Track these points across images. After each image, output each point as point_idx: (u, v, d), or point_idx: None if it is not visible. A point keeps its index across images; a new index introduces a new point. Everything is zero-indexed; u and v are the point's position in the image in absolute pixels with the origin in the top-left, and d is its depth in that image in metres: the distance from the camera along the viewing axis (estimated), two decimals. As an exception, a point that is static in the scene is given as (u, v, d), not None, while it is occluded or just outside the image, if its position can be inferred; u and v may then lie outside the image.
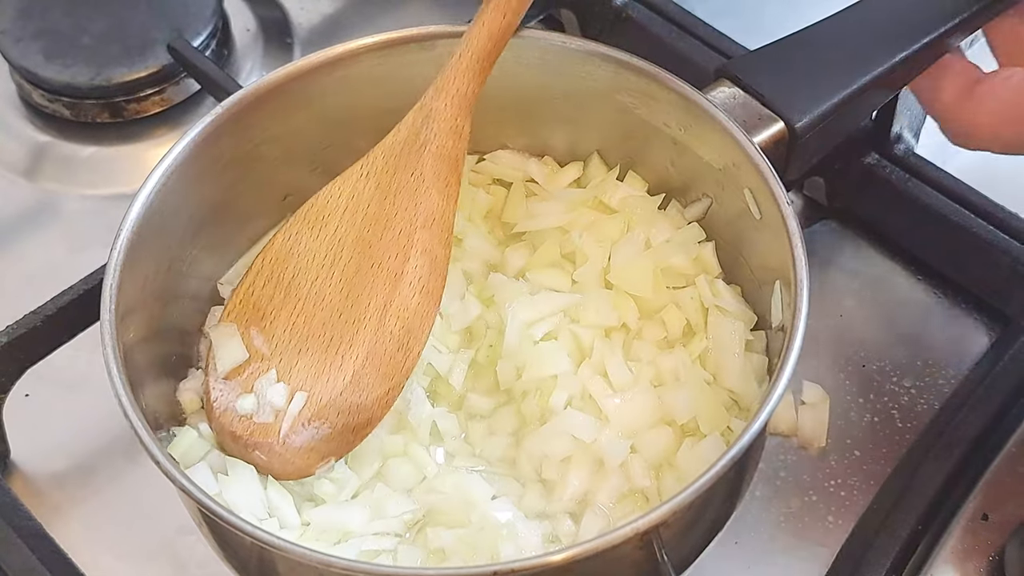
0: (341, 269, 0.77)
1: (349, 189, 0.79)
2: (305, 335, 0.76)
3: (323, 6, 1.14)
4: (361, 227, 0.77)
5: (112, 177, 1.03)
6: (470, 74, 0.77)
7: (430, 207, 0.76)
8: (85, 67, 1.02)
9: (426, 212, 0.76)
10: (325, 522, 0.73)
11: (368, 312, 0.75)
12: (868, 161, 0.93)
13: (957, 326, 0.91)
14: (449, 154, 0.77)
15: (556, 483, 0.74)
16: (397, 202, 0.77)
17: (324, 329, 0.76)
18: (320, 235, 0.78)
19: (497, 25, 0.78)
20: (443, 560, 0.72)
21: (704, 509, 0.71)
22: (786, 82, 0.79)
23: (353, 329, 0.75)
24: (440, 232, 0.77)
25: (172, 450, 0.75)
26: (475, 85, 0.78)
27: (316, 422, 0.74)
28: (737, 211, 0.78)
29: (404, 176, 0.77)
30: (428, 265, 0.76)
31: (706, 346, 0.78)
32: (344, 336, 0.75)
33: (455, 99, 0.77)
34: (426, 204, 0.76)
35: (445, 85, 0.78)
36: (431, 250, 0.76)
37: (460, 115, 0.78)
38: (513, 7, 0.78)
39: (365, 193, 0.78)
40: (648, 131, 0.82)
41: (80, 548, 0.81)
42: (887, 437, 0.85)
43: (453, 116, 0.77)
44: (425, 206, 0.76)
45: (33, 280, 0.95)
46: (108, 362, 0.69)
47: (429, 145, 0.77)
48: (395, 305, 0.75)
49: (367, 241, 0.77)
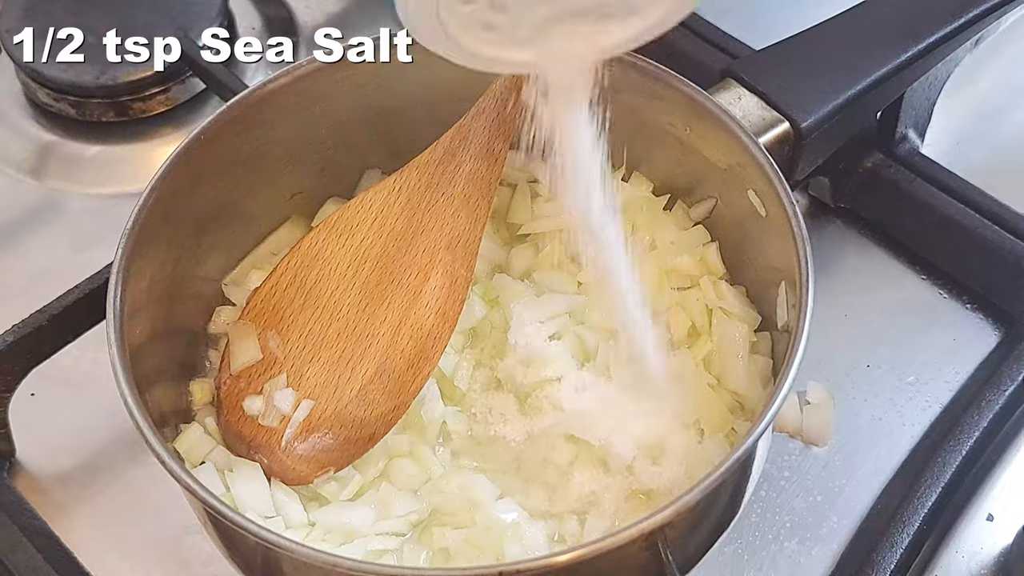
0: (362, 281, 0.77)
1: (380, 202, 0.78)
2: (319, 343, 0.76)
3: (328, 5, 1.14)
4: (387, 241, 0.77)
5: (117, 176, 1.03)
6: (512, 100, 0.77)
7: (456, 229, 0.76)
8: (90, 66, 1.02)
9: (452, 233, 0.76)
10: (331, 522, 0.74)
11: (382, 328, 0.75)
12: (873, 161, 0.93)
13: (962, 326, 0.91)
14: (482, 177, 0.77)
15: (560, 484, 0.74)
16: (425, 220, 0.77)
17: (338, 339, 0.76)
18: (346, 244, 0.78)
19: None
20: (448, 560, 0.72)
21: (709, 510, 0.71)
22: (791, 82, 0.79)
23: (366, 343, 0.75)
24: (464, 255, 0.77)
25: (177, 445, 0.75)
26: (515, 110, 0.77)
27: (319, 431, 0.74)
28: (742, 211, 0.78)
29: (435, 195, 0.77)
30: (448, 287, 0.76)
31: (710, 348, 0.78)
32: (356, 349, 0.75)
33: (494, 123, 0.77)
34: (453, 225, 0.76)
35: (485, 108, 0.77)
36: (452, 272, 0.76)
37: (497, 139, 0.77)
38: None
39: (395, 207, 0.78)
40: (653, 131, 0.82)
41: (85, 547, 0.82)
42: (892, 437, 0.85)
43: (490, 140, 0.77)
44: (452, 227, 0.76)
45: (38, 279, 0.95)
46: (114, 361, 0.69)
47: (463, 167, 0.77)
48: (409, 323, 0.75)
49: (391, 256, 0.77)
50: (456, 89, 0.81)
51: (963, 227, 0.90)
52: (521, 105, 0.77)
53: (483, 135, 0.77)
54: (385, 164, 0.87)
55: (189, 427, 0.77)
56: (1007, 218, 0.90)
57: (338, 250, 0.78)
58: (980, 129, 1.03)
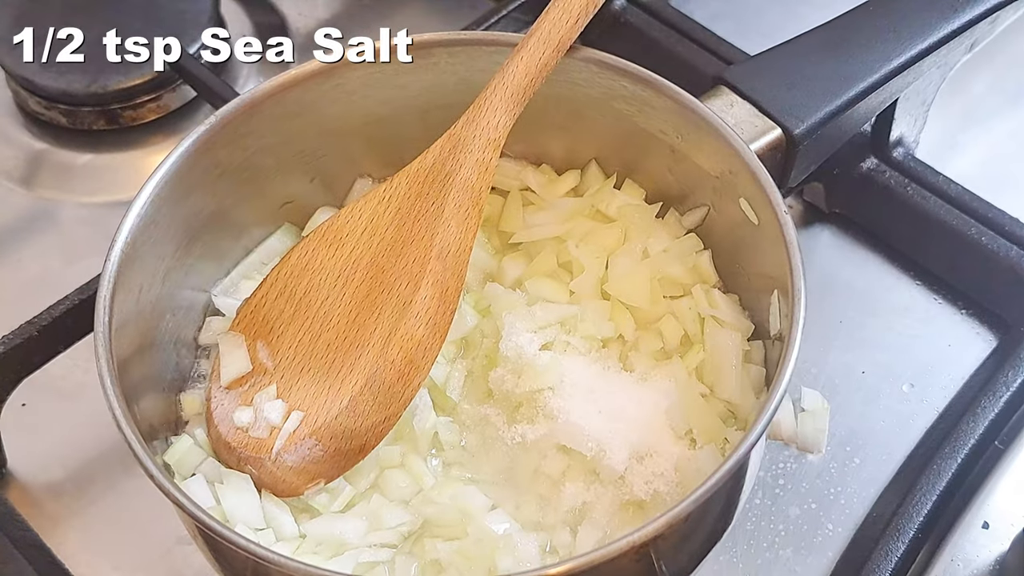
0: (352, 291, 0.76)
1: (369, 211, 0.78)
2: (309, 354, 0.76)
3: (320, 12, 1.13)
4: (376, 251, 0.77)
5: (108, 184, 1.02)
6: (503, 108, 0.76)
7: (447, 238, 0.76)
8: (81, 74, 1.02)
9: (442, 243, 0.75)
10: (321, 534, 0.73)
11: (372, 338, 0.75)
12: (867, 166, 0.93)
13: (956, 332, 0.91)
14: (472, 187, 0.77)
15: (552, 495, 0.74)
16: (415, 230, 0.76)
17: (328, 350, 0.76)
18: (336, 254, 0.78)
19: (535, 61, 0.76)
20: (440, 572, 0.72)
21: (701, 520, 0.71)
22: (784, 89, 0.79)
23: (356, 354, 0.75)
24: (454, 265, 0.76)
25: (168, 457, 0.75)
26: (507, 119, 0.77)
27: (309, 443, 0.73)
28: (735, 219, 0.78)
29: (425, 204, 0.77)
30: (438, 297, 0.75)
31: (703, 357, 0.78)
32: (346, 360, 0.75)
33: (485, 131, 0.76)
34: (443, 235, 0.75)
35: (476, 117, 0.77)
36: (443, 282, 0.75)
37: (488, 148, 0.77)
38: (553, 45, 0.77)
39: (384, 217, 0.77)
40: (646, 139, 0.81)
41: (76, 558, 0.81)
42: (887, 444, 0.85)
43: (480, 149, 0.76)
44: (442, 237, 0.75)
45: (29, 289, 0.95)
46: (102, 374, 0.68)
47: (453, 176, 0.76)
48: (400, 334, 0.74)
49: (380, 266, 0.76)
50: (447, 97, 0.81)
51: (958, 232, 0.90)
52: (514, 112, 0.77)
53: (473, 144, 0.76)
54: (376, 172, 0.87)
55: (179, 439, 0.76)
56: (1002, 223, 0.90)
57: (328, 260, 0.78)
58: (974, 134, 1.03)
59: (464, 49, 0.81)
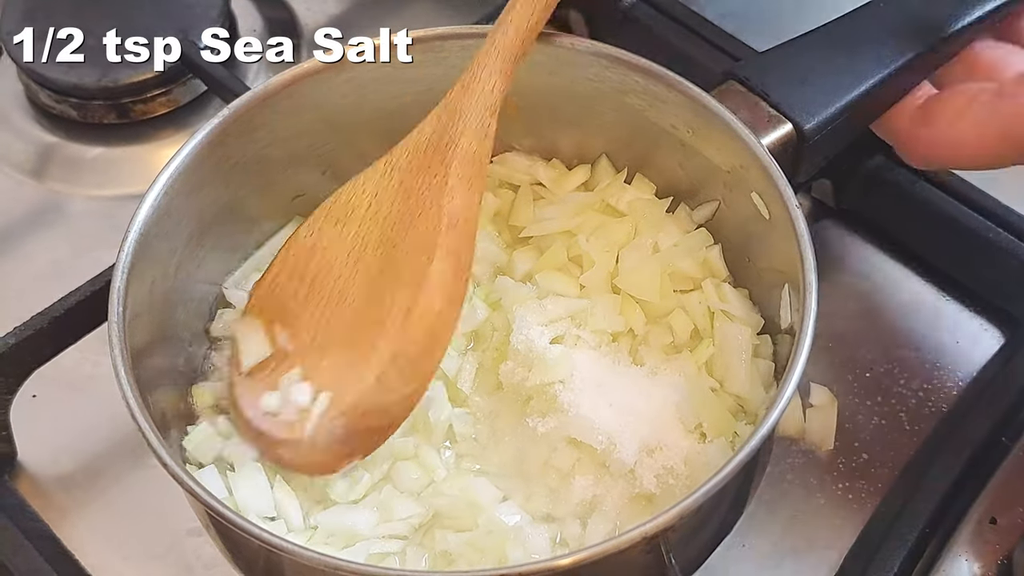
0: (365, 268, 0.76)
1: (372, 186, 0.77)
2: (328, 333, 0.75)
3: (330, 7, 1.14)
4: (384, 226, 0.76)
5: (119, 178, 1.03)
6: (497, 72, 0.76)
7: (454, 208, 0.75)
8: (92, 68, 1.02)
9: (451, 213, 0.75)
10: (333, 525, 0.73)
11: (391, 314, 0.74)
12: (875, 163, 0.93)
13: (965, 328, 0.91)
14: (474, 154, 0.76)
15: (563, 487, 0.74)
16: (421, 202, 0.76)
17: (347, 328, 0.75)
18: (343, 231, 0.77)
19: (525, 23, 0.76)
20: (450, 564, 0.72)
21: (711, 513, 0.71)
22: (794, 84, 0.79)
23: (375, 331, 0.74)
24: (465, 233, 0.75)
25: (186, 443, 0.75)
26: (502, 83, 0.76)
27: (341, 422, 0.73)
28: (746, 214, 0.78)
29: (428, 176, 0.76)
30: (452, 268, 0.74)
31: (712, 352, 0.78)
32: (367, 337, 0.74)
33: (481, 98, 0.76)
34: (450, 205, 0.75)
35: (471, 83, 0.76)
36: (456, 251, 0.75)
37: (486, 114, 0.76)
38: (541, 6, 0.76)
39: (388, 191, 0.77)
40: (656, 133, 0.81)
41: (87, 549, 0.82)
42: (895, 440, 0.85)
43: (479, 115, 0.76)
44: (449, 207, 0.75)
45: (40, 281, 0.95)
46: (116, 364, 0.68)
47: (454, 145, 0.76)
48: (420, 308, 0.73)
49: (391, 241, 0.76)
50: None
51: (967, 229, 0.90)
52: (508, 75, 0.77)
53: (471, 110, 0.76)
54: (387, 166, 0.87)
55: (197, 426, 0.76)
56: (1011, 220, 0.90)
57: (336, 238, 0.77)
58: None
59: (474, 42, 0.81)
